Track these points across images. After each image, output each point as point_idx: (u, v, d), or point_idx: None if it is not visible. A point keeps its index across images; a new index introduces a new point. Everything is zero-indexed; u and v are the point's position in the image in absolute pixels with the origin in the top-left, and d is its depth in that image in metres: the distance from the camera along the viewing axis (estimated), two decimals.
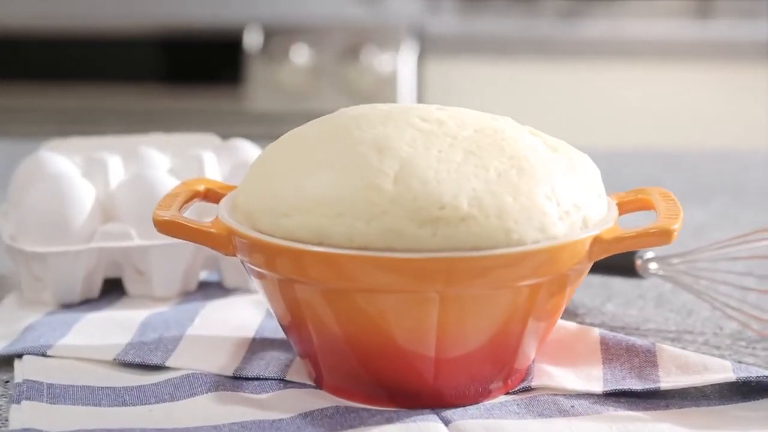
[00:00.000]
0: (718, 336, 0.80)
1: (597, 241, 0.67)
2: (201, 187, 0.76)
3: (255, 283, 0.71)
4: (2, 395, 0.71)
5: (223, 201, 0.73)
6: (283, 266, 0.66)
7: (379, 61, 2.04)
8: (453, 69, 2.10)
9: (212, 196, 0.76)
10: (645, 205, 0.73)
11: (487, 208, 0.64)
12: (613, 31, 2.17)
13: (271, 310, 0.72)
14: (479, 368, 0.69)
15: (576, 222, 0.67)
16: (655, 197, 0.73)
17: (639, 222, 0.70)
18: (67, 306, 0.83)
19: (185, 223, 0.69)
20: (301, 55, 2.05)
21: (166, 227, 0.70)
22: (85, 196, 0.82)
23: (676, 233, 0.68)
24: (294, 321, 0.70)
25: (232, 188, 0.76)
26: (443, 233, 0.64)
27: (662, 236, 0.68)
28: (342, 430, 0.66)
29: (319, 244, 0.65)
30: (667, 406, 0.69)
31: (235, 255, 0.69)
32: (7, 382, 0.73)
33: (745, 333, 0.80)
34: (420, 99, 2.09)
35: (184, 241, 0.82)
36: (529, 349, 0.70)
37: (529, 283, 0.66)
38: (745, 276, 0.86)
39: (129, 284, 0.85)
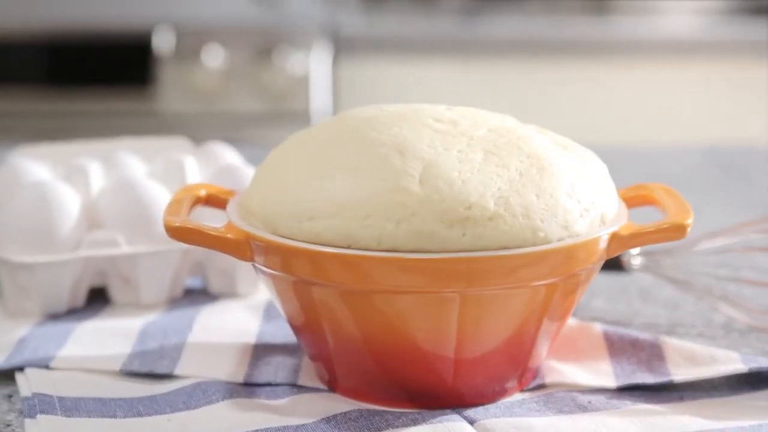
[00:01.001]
0: (710, 328, 0.81)
1: (615, 237, 0.68)
2: (203, 192, 0.75)
3: (266, 286, 0.70)
4: (10, 410, 0.69)
5: (230, 206, 0.72)
6: (308, 270, 0.65)
7: (292, 62, 2.03)
8: (366, 69, 2.10)
9: (214, 201, 0.75)
10: (647, 201, 0.74)
11: (513, 207, 0.65)
12: (520, 29, 2.19)
13: (282, 312, 0.71)
14: (497, 368, 0.69)
15: (595, 219, 0.68)
16: (659, 193, 0.74)
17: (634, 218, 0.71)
18: (54, 316, 0.81)
19: (201, 229, 0.68)
20: (213, 56, 2.03)
21: (178, 233, 0.69)
22: (70, 203, 0.81)
23: (689, 228, 0.69)
24: (308, 323, 0.69)
25: (232, 193, 0.75)
26: (472, 233, 0.64)
27: (677, 231, 0.69)
28: None
29: (348, 247, 0.64)
30: (681, 399, 0.70)
31: (252, 260, 0.68)
32: (10, 396, 0.71)
33: (735, 324, 0.81)
34: (335, 100, 2.08)
35: (173, 248, 0.81)
36: (543, 348, 0.71)
37: (550, 281, 0.66)
38: (721, 268, 0.87)
39: (115, 292, 0.83)
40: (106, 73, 2.05)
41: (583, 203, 0.67)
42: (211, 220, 0.77)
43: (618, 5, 2.36)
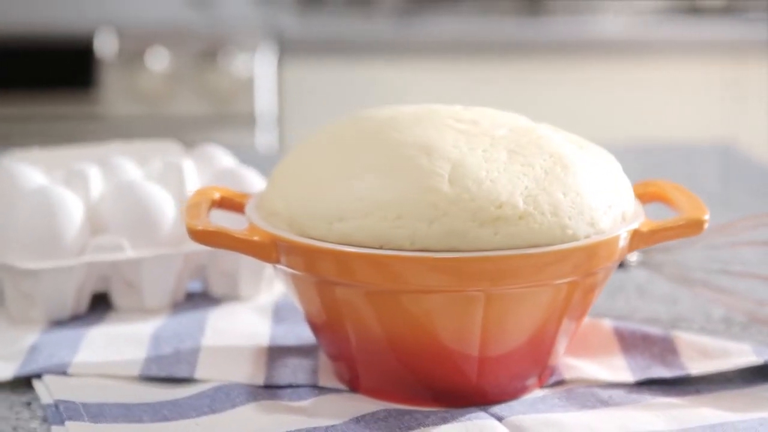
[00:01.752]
0: (710, 322, 0.82)
1: (636, 234, 0.69)
2: (216, 195, 0.74)
3: (287, 286, 0.70)
4: (32, 417, 0.69)
5: (249, 208, 0.72)
6: (339, 271, 0.66)
7: (236, 65, 2.02)
8: (310, 70, 2.10)
9: (228, 204, 0.75)
10: (657, 198, 0.75)
11: (542, 206, 0.65)
12: (456, 29, 2.20)
13: (303, 312, 0.71)
14: (520, 365, 0.70)
15: (617, 216, 0.69)
16: (669, 190, 0.75)
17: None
18: (58, 323, 0.80)
19: (226, 232, 0.68)
20: (157, 59, 2.02)
21: (202, 237, 0.68)
22: (74, 208, 0.80)
23: (706, 223, 0.70)
24: (331, 323, 0.69)
25: (246, 196, 0.75)
26: (504, 232, 0.64)
27: (695, 227, 0.70)
28: None
29: (380, 247, 0.65)
30: (698, 392, 0.71)
31: (277, 262, 0.68)
32: (29, 403, 0.70)
33: (735, 318, 0.83)
34: (280, 102, 2.08)
35: (177, 252, 0.81)
36: (562, 346, 0.71)
37: (576, 278, 0.67)
38: (714, 263, 0.89)
39: (117, 297, 0.82)
40: (48, 76, 2.03)
41: (606, 200, 0.68)
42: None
43: (552, 5, 2.38)
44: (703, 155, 1.40)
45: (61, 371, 0.72)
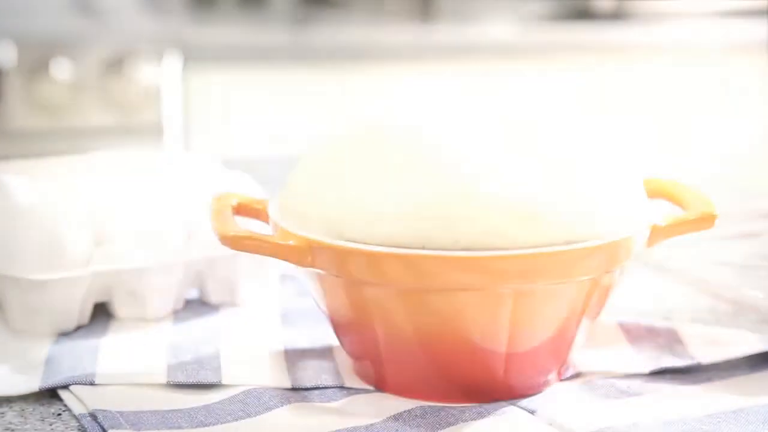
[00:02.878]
0: (698, 312, 0.85)
1: (655, 228, 0.72)
2: (234, 202, 0.75)
3: (313, 288, 0.71)
4: (66, 428, 0.68)
5: (273, 213, 0.72)
6: (377, 272, 0.67)
7: (142, 73, 2.01)
8: (213, 78, 2.09)
9: (244, 209, 0.75)
10: (659, 194, 0.78)
11: (574, 202, 0.67)
12: (354, 34, 2.21)
13: (326, 312, 0.72)
14: (544, 360, 0.72)
15: (637, 211, 0.71)
16: (671, 186, 0.78)
17: None
18: (64, 334, 0.80)
19: (260, 238, 0.69)
20: (60, 69, 1.99)
21: (236, 242, 0.69)
22: (79, 218, 0.79)
23: (718, 217, 0.73)
24: (359, 322, 0.70)
25: (262, 202, 0.76)
26: (540, 228, 0.66)
27: (707, 220, 0.73)
28: (442, 429, 0.67)
29: (422, 247, 0.66)
30: (710, 379, 0.74)
31: (312, 266, 0.69)
32: (59, 414, 0.70)
33: (719, 307, 0.86)
34: (185, 110, 2.06)
35: (180, 260, 0.81)
36: (581, 340, 0.74)
37: (601, 273, 0.69)
38: (691, 255, 0.92)
39: (119, 307, 0.82)
40: None
41: (628, 196, 0.71)
42: None
43: (444, 10, 2.41)
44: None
45: (89, 381, 0.72)
